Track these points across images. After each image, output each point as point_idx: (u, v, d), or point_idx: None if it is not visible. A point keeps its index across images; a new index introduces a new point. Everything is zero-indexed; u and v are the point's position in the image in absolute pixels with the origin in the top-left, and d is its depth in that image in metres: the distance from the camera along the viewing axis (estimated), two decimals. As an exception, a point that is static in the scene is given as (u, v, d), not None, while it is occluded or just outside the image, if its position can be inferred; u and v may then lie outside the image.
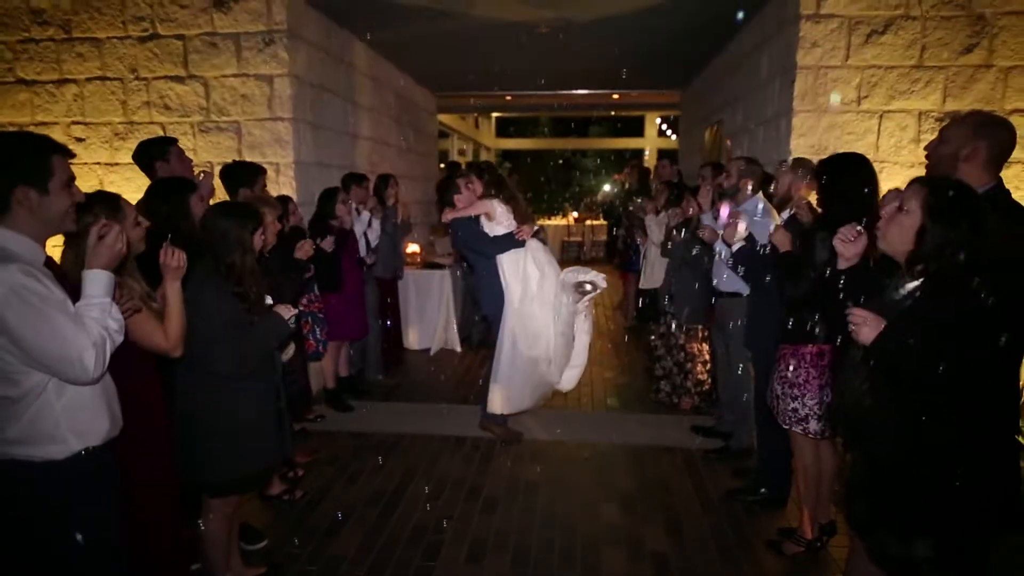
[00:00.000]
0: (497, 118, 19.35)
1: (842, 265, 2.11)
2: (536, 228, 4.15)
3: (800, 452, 2.92)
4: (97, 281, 1.70)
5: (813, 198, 2.96)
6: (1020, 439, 3.43)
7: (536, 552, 2.97)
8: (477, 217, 4.09)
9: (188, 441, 2.29)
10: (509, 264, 4.02)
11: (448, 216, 4.09)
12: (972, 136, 2.18)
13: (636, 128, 19.60)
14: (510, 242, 4.00)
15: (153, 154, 3.23)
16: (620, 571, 2.85)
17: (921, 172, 2.51)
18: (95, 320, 1.67)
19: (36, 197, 1.69)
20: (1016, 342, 1.99)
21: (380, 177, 5.41)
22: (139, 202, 2.64)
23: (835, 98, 4.17)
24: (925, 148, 2.37)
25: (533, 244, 4.09)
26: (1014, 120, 4.05)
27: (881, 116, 4.17)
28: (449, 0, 4.91)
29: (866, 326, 1.81)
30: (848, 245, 2.05)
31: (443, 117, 11.71)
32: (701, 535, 3.14)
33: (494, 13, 5.21)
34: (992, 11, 4.03)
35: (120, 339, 1.74)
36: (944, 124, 2.30)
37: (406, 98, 7.66)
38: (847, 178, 2.55)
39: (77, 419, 1.74)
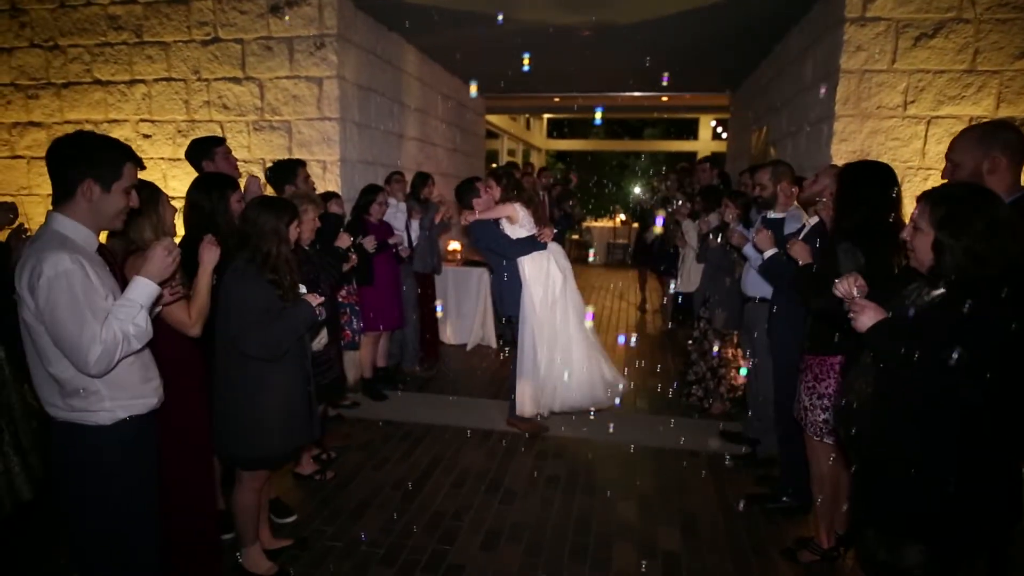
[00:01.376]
0: (549, 119, 19.41)
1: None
2: (555, 231, 4.27)
3: (817, 461, 2.89)
4: (143, 289, 1.87)
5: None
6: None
7: (549, 545, 3.05)
8: (498, 220, 4.18)
9: (223, 418, 2.47)
10: (531, 267, 4.10)
11: (468, 219, 4.20)
12: (985, 149, 2.12)
13: (690, 130, 19.32)
14: (532, 245, 4.09)
15: (200, 153, 3.48)
16: (630, 568, 2.90)
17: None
18: (119, 321, 1.81)
19: (99, 193, 1.88)
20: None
21: (417, 175, 5.58)
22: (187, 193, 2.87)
23: None
24: (942, 176, 2.31)
25: (554, 247, 4.17)
26: (1073, 126, 3.90)
27: (929, 122, 4.04)
28: (492, 4, 5.03)
29: (864, 314, 1.83)
30: (849, 299, 2.00)
31: (493, 118, 11.89)
32: (716, 539, 3.15)
33: (537, 16, 5.29)
34: (1053, 13, 3.85)
35: (137, 345, 1.87)
36: (947, 149, 2.24)
37: (453, 99, 7.84)
38: (866, 187, 2.52)
39: (122, 389, 1.92)
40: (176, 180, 5.16)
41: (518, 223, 4.14)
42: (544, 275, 4.10)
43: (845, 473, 2.83)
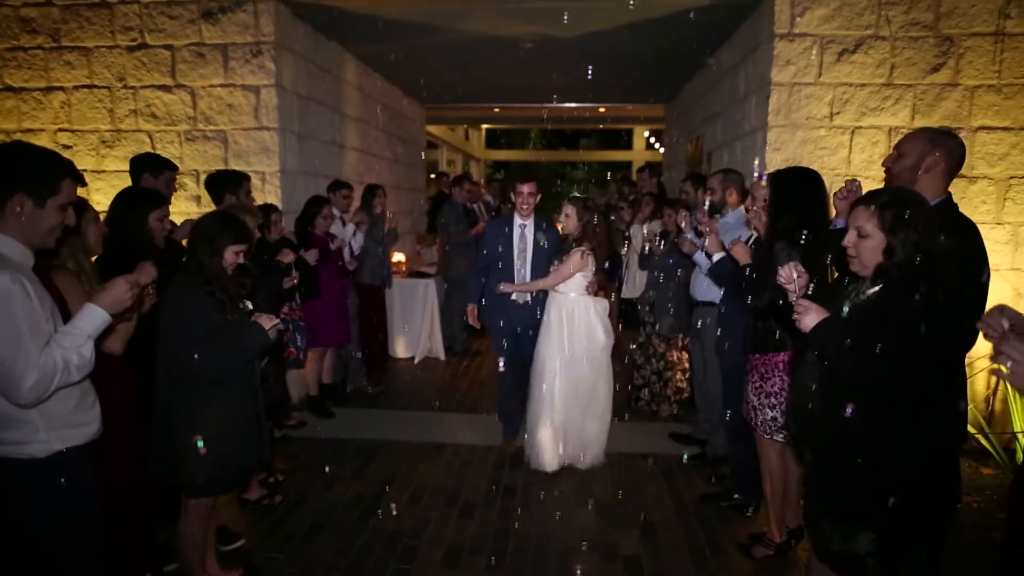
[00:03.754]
0: (487, 129, 19.50)
1: (790, 298, 2.17)
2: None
3: (766, 457, 2.99)
4: (93, 319, 1.76)
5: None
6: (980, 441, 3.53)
7: (511, 557, 3.02)
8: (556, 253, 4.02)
9: (166, 442, 2.33)
10: (580, 307, 3.92)
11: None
12: (931, 148, 2.27)
13: (624, 141, 19.85)
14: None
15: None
16: (594, 572, 2.90)
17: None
18: (62, 349, 1.69)
19: (31, 208, 1.74)
20: (958, 344, 2.09)
21: (367, 187, 5.48)
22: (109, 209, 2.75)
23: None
24: (883, 163, 2.47)
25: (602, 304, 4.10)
26: (979, 137, 4.25)
27: (853, 132, 4.29)
28: (435, 15, 5.02)
29: (808, 315, 1.92)
30: (791, 285, 2.12)
31: (432, 128, 11.82)
32: (674, 539, 3.21)
33: (480, 28, 5.31)
34: (958, 32, 4.17)
35: (77, 376, 1.75)
36: (899, 140, 2.39)
37: (394, 109, 7.75)
38: (797, 191, 2.67)
39: (61, 420, 1.78)
40: (100, 193, 4.86)
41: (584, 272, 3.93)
42: (585, 323, 3.91)
43: (795, 468, 2.94)
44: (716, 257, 3.25)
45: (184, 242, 2.85)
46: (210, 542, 2.67)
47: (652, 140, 17.61)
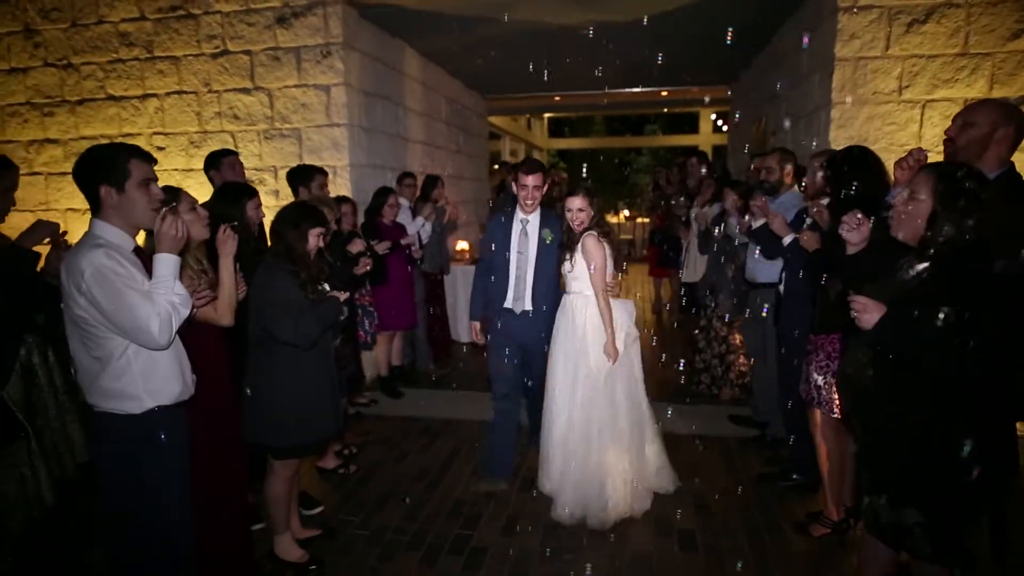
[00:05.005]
0: (549, 119, 19.51)
1: (850, 251, 2.21)
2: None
3: (827, 438, 2.98)
4: (163, 263, 2.00)
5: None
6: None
7: (567, 529, 3.15)
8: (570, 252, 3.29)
9: (256, 409, 2.60)
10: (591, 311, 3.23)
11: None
12: (1004, 119, 2.22)
13: (691, 124, 19.39)
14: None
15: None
16: (648, 544, 3.00)
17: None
18: (162, 296, 1.96)
19: (116, 195, 2.00)
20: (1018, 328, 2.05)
21: (428, 178, 5.70)
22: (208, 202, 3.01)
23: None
24: (946, 132, 2.41)
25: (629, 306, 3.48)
26: (1067, 106, 3.98)
27: (924, 105, 4.13)
28: (494, 7, 5.15)
29: (867, 313, 1.93)
30: (853, 232, 2.16)
31: (494, 119, 12.01)
32: (729, 516, 3.25)
33: (539, 17, 5.40)
34: (1043, -6, 3.93)
35: (185, 312, 2.02)
36: (962, 110, 2.34)
37: (456, 101, 7.96)
38: (856, 171, 2.64)
39: (152, 381, 2.04)
40: (191, 190, 5.27)
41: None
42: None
43: (852, 447, 2.93)
44: (787, 239, 3.25)
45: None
46: (293, 503, 2.95)
47: (720, 123, 17.15)
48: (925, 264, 1.93)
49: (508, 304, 3.47)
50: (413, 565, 2.88)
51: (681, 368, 5.48)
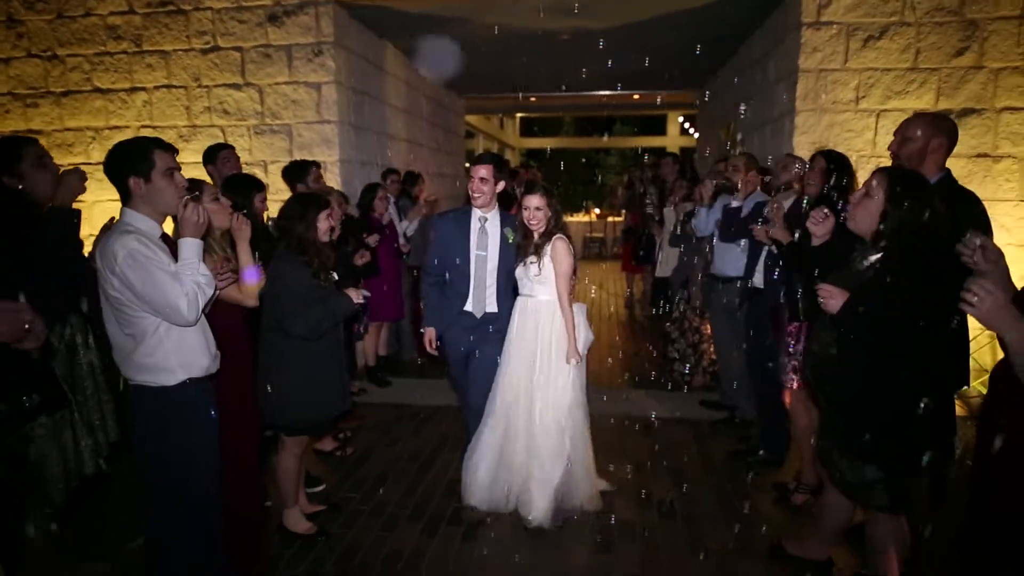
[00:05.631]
0: (521, 118, 19.76)
1: (815, 243, 2.51)
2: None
3: (800, 412, 3.30)
4: (188, 247, 2.17)
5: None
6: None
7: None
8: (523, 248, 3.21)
9: (270, 389, 2.77)
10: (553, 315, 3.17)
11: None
12: (935, 131, 2.55)
13: (659, 126, 19.91)
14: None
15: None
16: (631, 512, 3.27)
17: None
18: (188, 276, 2.12)
19: (143, 185, 2.16)
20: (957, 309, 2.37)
21: (407, 174, 5.88)
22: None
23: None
24: (889, 148, 2.74)
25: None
26: (1004, 117, 4.44)
27: (878, 114, 4.51)
28: (478, 11, 5.37)
29: (832, 299, 2.23)
30: (819, 226, 2.46)
31: (469, 118, 12.20)
32: (704, 488, 3.55)
33: (520, 23, 5.64)
34: (983, 16, 4.34)
35: (210, 291, 2.19)
36: (900, 126, 2.66)
37: (436, 100, 8.15)
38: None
39: (183, 355, 2.21)
40: (179, 183, 5.36)
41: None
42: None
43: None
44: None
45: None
46: (301, 479, 3.13)
47: (687, 125, 17.67)
48: (877, 255, 2.24)
49: (468, 307, 3.27)
50: (415, 534, 3.09)
51: (655, 357, 5.80)
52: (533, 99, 11.33)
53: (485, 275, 3.26)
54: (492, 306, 3.29)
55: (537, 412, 3.13)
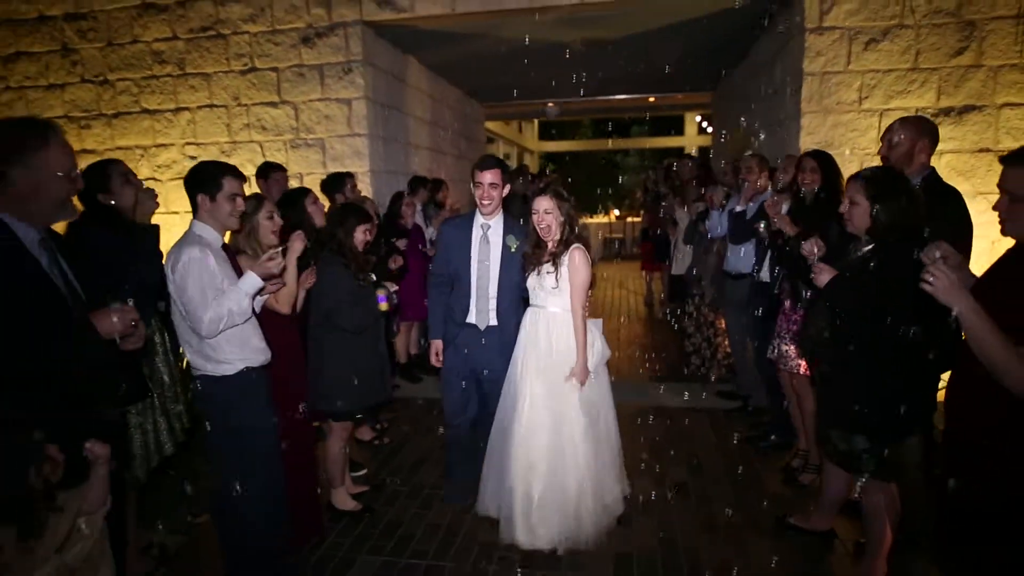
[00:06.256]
0: (540, 122, 20.04)
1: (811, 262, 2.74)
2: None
3: (804, 398, 3.53)
4: (248, 281, 2.46)
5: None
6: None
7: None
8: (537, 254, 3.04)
9: (318, 379, 3.09)
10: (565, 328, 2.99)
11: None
12: (920, 134, 2.79)
13: (676, 126, 20.04)
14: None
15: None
16: (648, 494, 3.53)
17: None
18: (229, 300, 2.40)
19: (208, 202, 2.51)
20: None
21: (433, 182, 6.21)
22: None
23: None
24: (879, 153, 2.97)
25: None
26: (1004, 113, 4.63)
27: (881, 114, 4.71)
28: (497, 26, 5.67)
29: (822, 275, 2.51)
30: (811, 256, 2.69)
31: (489, 124, 12.52)
32: (717, 470, 3.80)
33: (536, 35, 5.93)
34: (980, 17, 4.52)
35: (239, 320, 2.45)
36: (887, 131, 2.89)
37: (458, 110, 8.48)
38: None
39: (239, 348, 2.53)
40: (221, 196, 5.76)
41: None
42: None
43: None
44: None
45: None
46: (346, 463, 3.45)
47: (704, 124, 17.79)
48: (870, 246, 2.50)
49: (471, 319, 3.15)
50: (451, 512, 3.39)
51: (673, 351, 6.03)
52: (551, 104, 11.61)
53: (487, 285, 3.11)
54: (494, 318, 3.13)
55: (556, 428, 2.90)
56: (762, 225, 3.63)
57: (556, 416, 2.94)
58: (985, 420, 1.83)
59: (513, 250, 3.11)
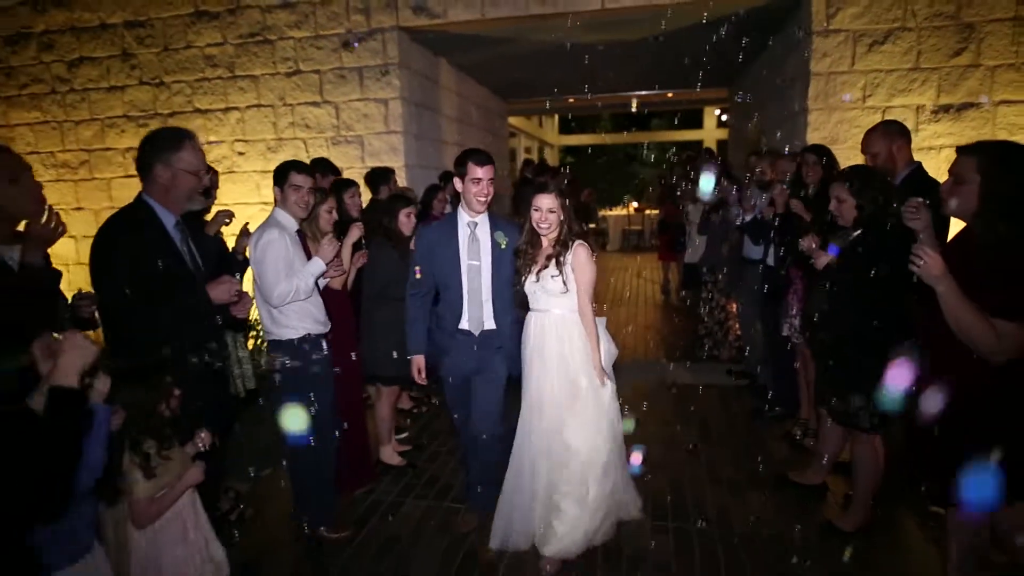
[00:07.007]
0: (559, 116, 20.34)
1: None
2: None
3: (810, 369, 3.90)
4: (315, 264, 2.95)
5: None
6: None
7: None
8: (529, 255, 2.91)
9: (369, 348, 3.54)
10: (575, 329, 2.89)
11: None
12: (891, 137, 3.16)
13: (695, 120, 20.23)
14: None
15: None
16: (660, 457, 3.93)
17: (917, 157, 3.43)
18: (297, 278, 2.87)
19: (280, 193, 2.98)
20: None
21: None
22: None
23: (847, 96, 5.08)
24: (866, 162, 3.34)
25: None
26: (1001, 110, 4.95)
27: (884, 111, 5.02)
28: (523, 30, 6.06)
29: (821, 259, 2.95)
30: (809, 250, 3.08)
31: (512, 119, 12.91)
32: (725, 437, 4.19)
33: (559, 37, 6.31)
34: (979, 19, 4.81)
35: (303, 297, 2.92)
36: (863, 143, 3.26)
37: (483, 107, 8.89)
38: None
39: (300, 316, 2.99)
40: (267, 189, 6.23)
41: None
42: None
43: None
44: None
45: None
46: (393, 424, 3.90)
47: (724, 118, 17.97)
48: (858, 232, 2.88)
49: (464, 325, 2.95)
50: (484, 468, 3.82)
51: (687, 334, 6.40)
52: (571, 100, 11.97)
53: (480, 287, 2.91)
54: (490, 322, 2.95)
55: (570, 437, 2.82)
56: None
57: (582, 421, 2.81)
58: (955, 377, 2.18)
59: (503, 247, 2.92)
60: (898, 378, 2.62)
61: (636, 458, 3.19)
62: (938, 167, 3.77)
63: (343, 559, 2.99)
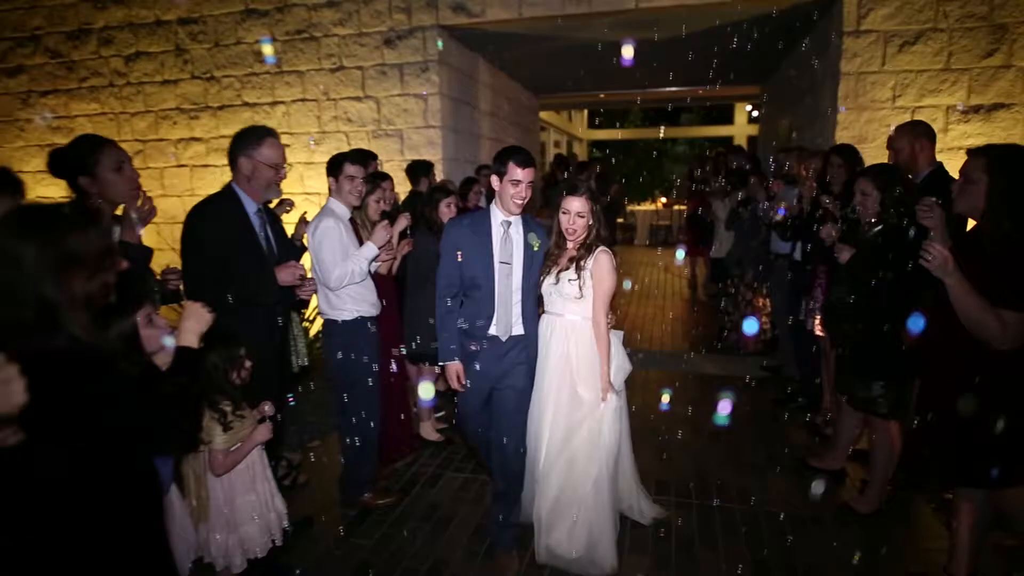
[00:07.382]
0: (588, 111, 20.41)
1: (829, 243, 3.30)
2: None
3: (830, 361, 4.05)
4: (369, 250, 3.19)
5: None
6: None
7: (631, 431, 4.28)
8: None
9: (412, 328, 3.79)
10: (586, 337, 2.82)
11: None
12: (915, 136, 3.29)
13: (726, 115, 20.14)
14: None
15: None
16: (684, 440, 4.12)
17: (946, 156, 3.57)
18: (351, 263, 3.12)
19: (334, 183, 3.23)
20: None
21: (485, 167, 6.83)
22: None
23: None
24: (889, 159, 3.47)
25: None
26: (1032, 110, 4.93)
27: (913, 111, 5.10)
28: (557, 28, 6.24)
29: (843, 253, 3.09)
30: (828, 239, 3.24)
31: (542, 113, 13.07)
32: (748, 423, 4.36)
33: (592, 35, 6.48)
34: (1012, 20, 4.86)
35: (358, 279, 3.18)
36: (888, 140, 3.39)
37: (516, 101, 9.09)
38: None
39: (355, 300, 3.24)
40: (310, 180, 6.55)
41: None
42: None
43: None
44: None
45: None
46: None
47: (755, 114, 17.88)
48: (879, 227, 3.04)
49: (493, 331, 2.74)
50: (517, 446, 4.06)
51: (713, 327, 6.55)
52: (602, 95, 12.09)
53: (511, 291, 2.72)
54: (519, 328, 2.77)
55: (576, 448, 2.75)
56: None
57: (580, 434, 2.75)
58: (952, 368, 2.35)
59: (536, 249, 2.78)
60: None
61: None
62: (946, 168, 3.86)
63: (388, 523, 3.26)
